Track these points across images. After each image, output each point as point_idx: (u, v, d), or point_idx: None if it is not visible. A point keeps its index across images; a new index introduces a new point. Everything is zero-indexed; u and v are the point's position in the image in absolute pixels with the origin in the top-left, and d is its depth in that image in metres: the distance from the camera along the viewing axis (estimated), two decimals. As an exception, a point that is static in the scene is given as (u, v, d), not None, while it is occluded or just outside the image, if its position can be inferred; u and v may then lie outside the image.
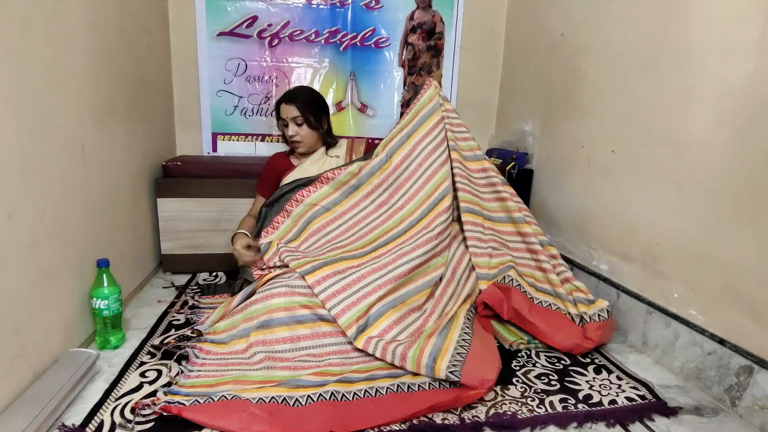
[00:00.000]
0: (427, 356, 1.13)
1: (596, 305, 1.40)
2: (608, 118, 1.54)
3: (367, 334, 1.23)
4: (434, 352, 1.14)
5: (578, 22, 1.71)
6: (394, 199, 1.59)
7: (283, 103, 1.67)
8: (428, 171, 1.58)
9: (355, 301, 1.27)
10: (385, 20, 2.27)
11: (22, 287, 1.00)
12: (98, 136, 1.36)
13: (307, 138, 1.69)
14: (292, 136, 1.67)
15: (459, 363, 1.11)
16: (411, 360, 1.13)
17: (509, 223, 1.61)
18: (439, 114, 1.63)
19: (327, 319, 1.25)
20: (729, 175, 1.12)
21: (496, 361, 1.18)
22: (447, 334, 1.22)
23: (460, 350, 1.16)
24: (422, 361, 1.12)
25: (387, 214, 1.58)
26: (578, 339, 1.32)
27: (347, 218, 1.59)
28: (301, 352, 1.21)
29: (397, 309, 1.30)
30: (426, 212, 1.53)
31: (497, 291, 1.46)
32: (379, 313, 1.27)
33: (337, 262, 1.36)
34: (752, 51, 1.07)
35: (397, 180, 1.60)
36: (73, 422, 0.95)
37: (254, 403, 0.99)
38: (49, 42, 1.11)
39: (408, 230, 1.52)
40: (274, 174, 1.73)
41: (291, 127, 1.66)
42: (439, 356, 1.13)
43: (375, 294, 1.29)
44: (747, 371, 1.07)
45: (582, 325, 1.36)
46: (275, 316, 1.24)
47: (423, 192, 1.56)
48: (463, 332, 1.26)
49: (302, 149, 1.71)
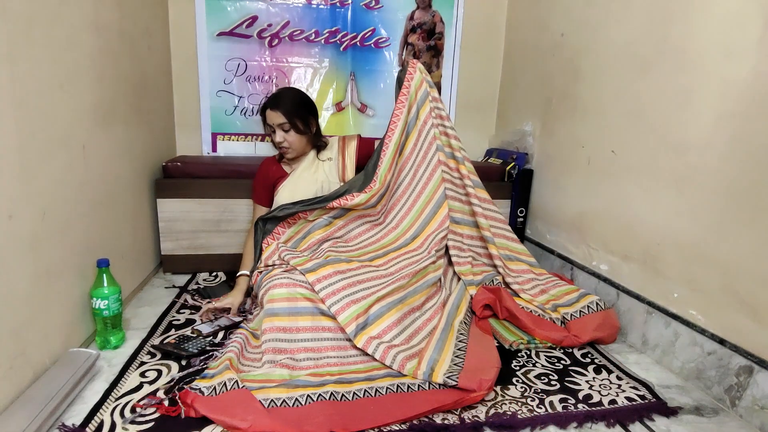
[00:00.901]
0: (425, 367, 1.13)
1: (580, 303, 1.46)
2: (608, 118, 1.54)
3: (366, 333, 1.23)
4: (431, 362, 1.15)
5: (578, 22, 1.71)
6: (389, 218, 1.65)
7: (268, 108, 1.58)
8: (420, 183, 1.65)
9: (356, 300, 1.27)
10: (385, 20, 2.27)
11: (22, 287, 1.00)
12: (99, 137, 1.36)
13: (296, 143, 1.60)
14: (280, 142, 1.59)
15: (457, 370, 1.12)
16: (409, 370, 1.14)
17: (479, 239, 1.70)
18: (426, 108, 1.65)
19: (328, 314, 1.26)
20: (729, 175, 1.12)
21: (495, 361, 1.18)
22: (443, 347, 1.23)
23: (457, 360, 1.17)
24: (419, 372, 1.13)
25: (384, 231, 1.62)
26: (565, 333, 1.37)
27: (347, 230, 1.62)
28: (300, 344, 1.21)
29: (397, 309, 1.31)
30: (422, 227, 1.61)
31: (488, 293, 1.50)
32: (379, 312, 1.28)
33: (339, 262, 1.36)
34: (752, 51, 1.07)
35: (393, 198, 1.66)
36: (73, 422, 0.95)
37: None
38: (50, 43, 1.11)
39: (405, 246, 1.58)
40: (267, 182, 1.68)
41: (278, 133, 1.58)
42: (437, 366, 1.13)
43: (375, 294, 1.30)
44: (747, 371, 1.07)
45: (564, 325, 1.41)
46: (276, 306, 1.24)
47: (417, 206, 1.63)
48: (458, 341, 1.27)
49: (291, 155, 1.64)
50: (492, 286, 1.54)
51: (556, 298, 1.53)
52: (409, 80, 1.65)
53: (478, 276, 1.60)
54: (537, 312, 1.43)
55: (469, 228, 1.69)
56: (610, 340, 1.41)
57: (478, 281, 1.57)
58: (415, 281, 1.41)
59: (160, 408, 1.00)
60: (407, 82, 1.65)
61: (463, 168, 1.66)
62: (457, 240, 1.65)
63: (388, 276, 1.40)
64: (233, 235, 1.87)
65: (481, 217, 1.65)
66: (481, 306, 1.46)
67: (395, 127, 1.61)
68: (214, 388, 1.02)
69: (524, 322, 1.39)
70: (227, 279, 1.84)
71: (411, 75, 1.66)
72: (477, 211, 1.65)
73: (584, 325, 1.38)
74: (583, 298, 1.47)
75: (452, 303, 1.46)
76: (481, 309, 1.46)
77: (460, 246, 1.65)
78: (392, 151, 1.58)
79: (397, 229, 1.62)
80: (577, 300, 1.48)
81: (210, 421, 0.96)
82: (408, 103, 1.63)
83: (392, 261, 1.49)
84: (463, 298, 1.50)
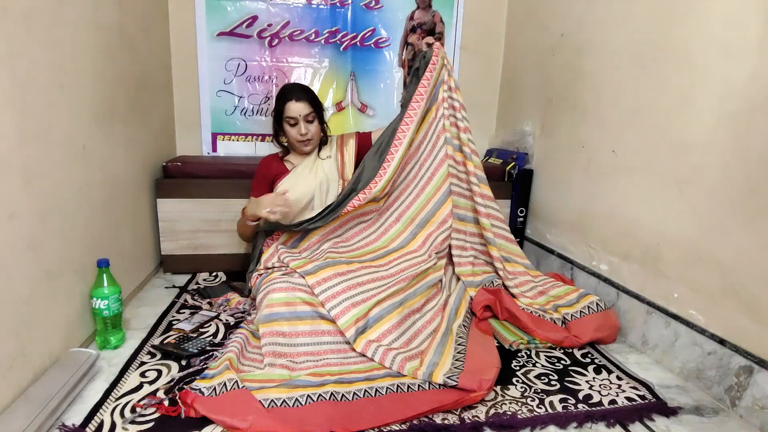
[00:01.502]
0: (425, 368, 1.13)
1: (580, 303, 1.46)
2: (608, 118, 1.54)
3: (366, 336, 1.23)
4: (431, 366, 1.14)
5: (578, 22, 1.71)
6: (389, 214, 1.63)
7: (291, 101, 1.54)
8: (424, 179, 1.63)
9: (356, 303, 1.27)
10: (385, 20, 2.27)
11: (22, 287, 1.01)
12: (99, 137, 1.36)
13: (317, 135, 1.61)
14: (304, 134, 1.56)
15: (457, 372, 1.12)
16: (409, 371, 1.13)
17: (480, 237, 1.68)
18: (439, 98, 1.62)
19: (327, 317, 1.25)
20: (729, 175, 1.12)
21: (495, 362, 1.18)
22: (443, 351, 1.22)
23: (457, 363, 1.17)
24: (419, 372, 1.12)
25: (383, 228, 1.61)
26: (565, 334, 1.37)
27: (346, 228, 1.60)
28: (299, 349, 1.21)
29: (397, 312, 1.30)
30: (422, 225, 1.60)
31: (488, 294, 1.50)
32: (379, 315, 1.27)
33: (339, 264, 1.36)
34: (752, 51, 1.07)
35: (394, 194, 1.64)
36: (73, 422, 0.95)
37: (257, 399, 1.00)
38: (50, 43, 1.11)
39: (406, 245, 1.57)
40: (267, 178, 1.67)
41: (302, 125, 1.55)
42: (436, 370, 1.13)
43: (375, 298, 1.29)
44: (747, 371, 1.07)
45: (565, 325, 1.41)
46: (275, 311, 1.24)
47: (417, 203, 1.61)
48: (457, 344, 1.27)
49: (310, 147, 1.63)
50: (492, 287, 1.54)
51: (556, 298, 1.53)
52: (431, 70, 1.55)
53: (479, 276, 1.59)
54: (537, 313, 1.43)
55: (473, 225, 1.67)
56: (611, 340, 1.41)
57: (477, 282, 1.57)
58: (415, 283, 1.41)
59: (160, 408, 1.00)
60: (429, 73, 1.56)
61: (470, 164, 1.62)
62: (460, 238, 1.63)
63: (389, 277, 1.39)
64: (233, 235, 1.87)
65: (484, 216, 1.62)
66: (482, 307, 1.46)
67: (410, 121, 1.55)
68: (214, 389, 1.02)
69: (524, 323, 1.39)
70: (227, 279, 1.84)
71: (434, 64, 1.55)
72: (480, 210, 1.62)
73: (585, 326, 1.38)
74: (583, 299, 1.47)
75: (451, 306, 1.46)
76: (482, 310, 1.46)
77: (463, 245, 1.63)
78: (405, 146, 1.54)
79: (397, 224, 1.59)
80: (577, 300, 1.48)
81: (210, 421, 0.96)
82: (427, 96, 1.56)
83: (394, 262, 1.48)
84: (463, 300, 1.50)
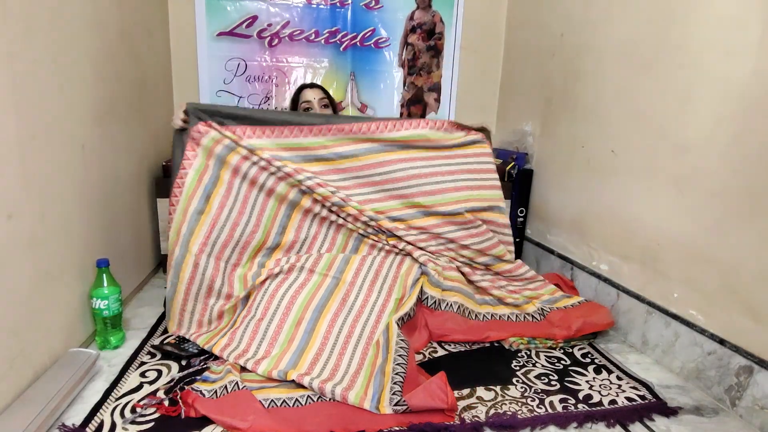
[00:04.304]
0: (370, 399, 1.03)
1: (563, 302, 1.49)
2: (608, 118, 1.54)
3: (295, 371, 1.11)
4: (377, 391, 1.05)
5: (578, 22, 1.71)
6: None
7: (307, 88, 1.77)
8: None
9: (264, 355, 1.19)
10: (385, 20, 2.27)
11: (22, 287, 1.00)
12: (99, 137, 1.36)
13: None
14: None
15: (398, 393, 1.01)
16: (354, 401, 1.03)
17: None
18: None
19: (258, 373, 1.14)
20: (729, 175, 1.12)
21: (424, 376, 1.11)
22: (384, 370, 1.11)
23: (397, 378, 1.05)
24: (365, 404, 1.02)
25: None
26: (547, 329, 1.38)
27: (304, 232, 1.49)
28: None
29: (310, 347, 1.21)
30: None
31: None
32: (294, 359, 1.18)
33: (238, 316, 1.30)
34: (752, 51, 1.07)
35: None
36: (73, 422, 0.95)
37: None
38: (50, 43, 1.11)
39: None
40: None
41: (316, 109, 1.73)
42: (381, 396, 1.03)
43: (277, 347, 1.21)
44: (747, 371, 1.07)
45: (543, 318, 1.42)
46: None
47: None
48: (396, 365, 1.09)
49: None
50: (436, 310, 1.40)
51: (536, 297, 1.53)
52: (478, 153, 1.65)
53: (446, 281, 1.46)
54: (507, 316, 1.43)
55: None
56: (605, 320, 1.40)
57: (444, 285, 1.44)
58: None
59: (160, 408, 1.00)
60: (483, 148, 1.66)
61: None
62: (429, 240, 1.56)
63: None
64: (233, 235, 1.87)
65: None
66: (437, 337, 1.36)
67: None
68: (215, 392, 1.02)
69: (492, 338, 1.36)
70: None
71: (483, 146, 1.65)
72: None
73: (568, 316, 1.40)
74: (566, 299, 1.51)
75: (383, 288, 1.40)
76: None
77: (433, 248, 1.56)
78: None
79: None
80: (561, 298, 1.52)
81: (210, 421, 0.96)
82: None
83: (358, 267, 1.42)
84: (412, 287, 1.41)
